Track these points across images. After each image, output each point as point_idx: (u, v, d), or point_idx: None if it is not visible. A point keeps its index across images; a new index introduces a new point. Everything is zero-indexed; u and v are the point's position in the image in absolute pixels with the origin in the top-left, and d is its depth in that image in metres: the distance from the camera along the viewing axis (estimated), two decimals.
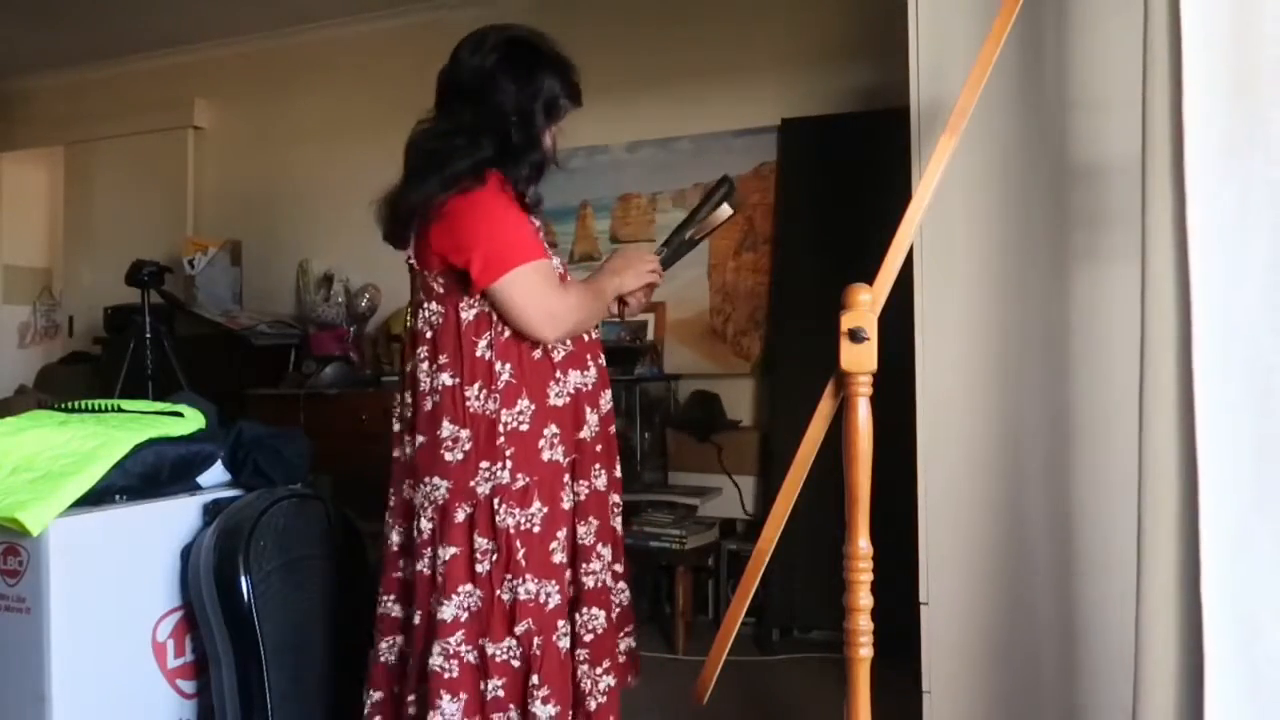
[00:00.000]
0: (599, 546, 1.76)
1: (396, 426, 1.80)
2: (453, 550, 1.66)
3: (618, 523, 1.86)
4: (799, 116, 3.81)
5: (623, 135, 4.16)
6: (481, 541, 1.66)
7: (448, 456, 1.67)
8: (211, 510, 2.12)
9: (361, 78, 4.70)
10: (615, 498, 1.85)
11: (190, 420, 2.25)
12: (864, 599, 1.49)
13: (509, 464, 1.67)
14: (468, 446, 1.67)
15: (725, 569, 3.60)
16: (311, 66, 4.91)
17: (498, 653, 1.64)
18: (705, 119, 4.00)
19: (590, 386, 1.78)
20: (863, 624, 1.48)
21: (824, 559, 3.05)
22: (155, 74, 5.33)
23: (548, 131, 1.79)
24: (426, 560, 1.70)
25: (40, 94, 5.73)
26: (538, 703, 1.63)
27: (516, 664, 1.66)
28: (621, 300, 1.89)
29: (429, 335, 1.72)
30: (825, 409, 1.51)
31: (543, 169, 1.78)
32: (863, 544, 1.49)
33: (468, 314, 1.69)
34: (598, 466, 1.79)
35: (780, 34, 3.89)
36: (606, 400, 1.83)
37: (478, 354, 1.68)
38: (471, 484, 1.66)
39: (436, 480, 1.68)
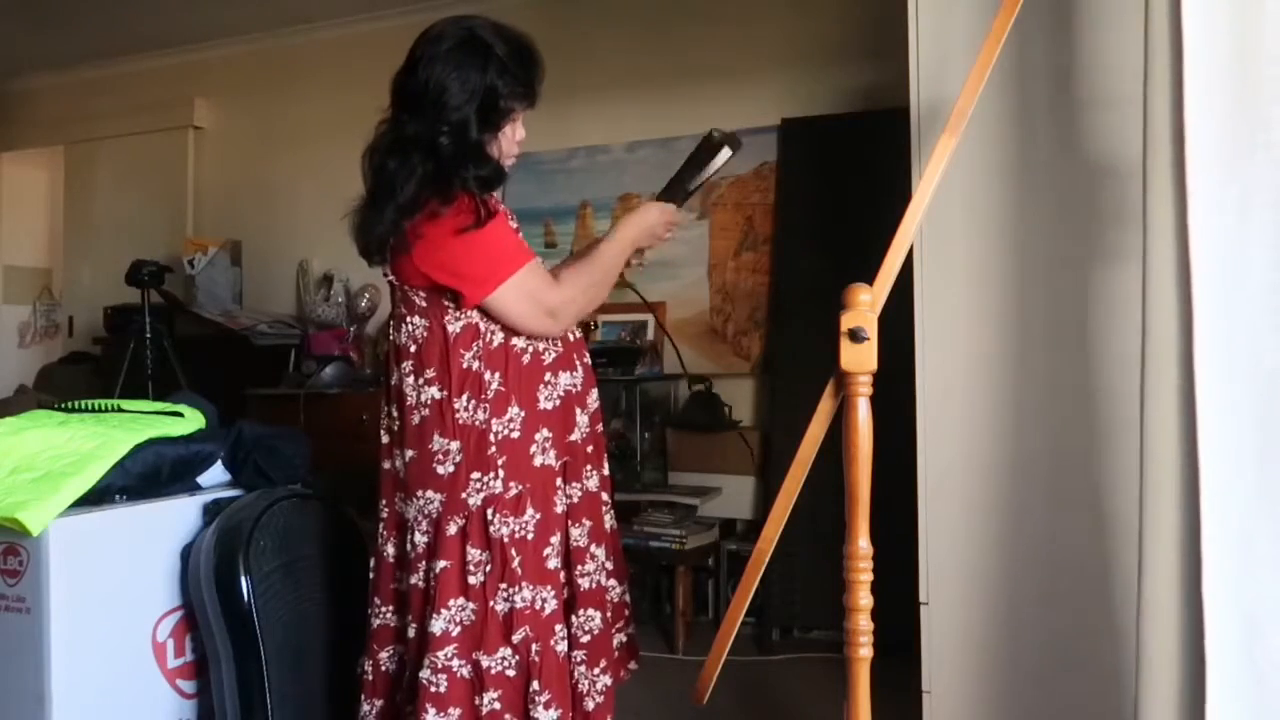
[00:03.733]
0: (592, 548, 1.75)
1: (385, 439, 1.78)
2: (444, 563, 1.65)
3: (610, 521, 1.84)
4: (799, 116, 3.80)
5: (623, 135, 4.16)
6: (474, 553, 1.64)
7: (439, 470, 1.66)
8: (211, 510, 2.12)
9: (361, 78, 4.67)
10: (605, 496, 1.83)
11: (190, 420, 2.25)
12: (864, 599, 1.48)
13: (501, 473, 1.65)
14: (458, 459, 1.65)
15: (725, 569, 3.60)
16: (311, 66, 4.91)
17: (493, 665, 1.63)
18: (705, 119, 3.99)
19: (579, 387, 1.77)
20: (863, 624, 1.48)
21: (824, 559, 3.07)
22: (155, 74, 5.32)
23: (494, 139, 1.71)
24: (421, 574, 1.69)
25: (40, 94, 5.72)
26: (539, 708, 1.62)
27: (512, 674, 1.64)
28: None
29: (413, 349, 1.69)
30: (825, 409, 1.51)
31: (495, 180, 1.68)
32: (863, 544, 1.48)
33: (454, 326, 1.66)
34: (589, 468, 1.78)
35: (780, 34, 3.88)
36: (594, 399, 1.82)
37: (465, 365, 1.65)
38: (463, 496, 1.65)
39: (430, 494, 1.67)
